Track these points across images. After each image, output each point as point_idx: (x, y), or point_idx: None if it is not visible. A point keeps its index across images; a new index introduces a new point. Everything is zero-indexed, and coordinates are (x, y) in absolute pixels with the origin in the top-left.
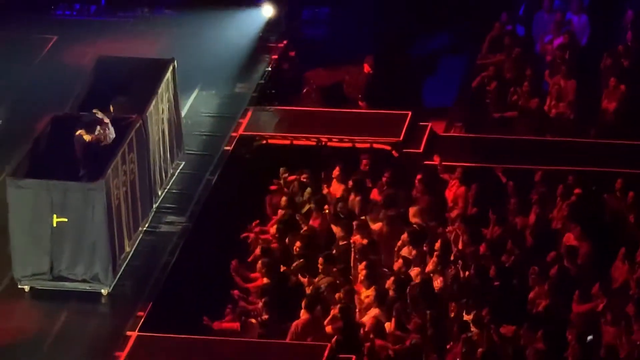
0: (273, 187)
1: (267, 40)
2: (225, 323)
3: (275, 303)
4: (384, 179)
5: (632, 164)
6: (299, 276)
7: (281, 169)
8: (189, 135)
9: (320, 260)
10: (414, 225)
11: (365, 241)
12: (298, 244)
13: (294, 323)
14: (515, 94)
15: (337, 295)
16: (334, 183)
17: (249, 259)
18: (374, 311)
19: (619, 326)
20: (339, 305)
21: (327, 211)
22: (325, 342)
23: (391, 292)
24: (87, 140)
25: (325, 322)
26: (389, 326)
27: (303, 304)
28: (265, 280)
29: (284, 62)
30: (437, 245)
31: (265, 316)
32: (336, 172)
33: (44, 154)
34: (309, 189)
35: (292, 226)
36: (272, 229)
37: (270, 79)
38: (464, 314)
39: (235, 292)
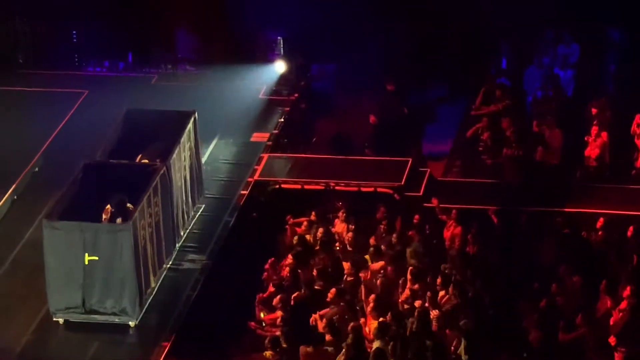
0: (287, 227)
1: (280, 94)
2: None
3: (292, 333)
4: (383, 223)
5: (612, 205)
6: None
7: (288, 216)
8: (208, 180)
9: (332, 292)
10: (413, 264)
11: (372, 276)
12: (311, 275)
13: (302, 353)
14: (507, 142)
15: (347, 327)
16: (338, 223)
17: (265, 295)
18: (377, 342)
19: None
20: (350, 336)
21: (337, 248)
22: None
23: (392, 326)
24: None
25: (341, 354)
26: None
27: (311, 335)
28: (280, 313)
29: (296, 113)
30: (439, 280)
31: (284, 345)
32: (342, 213)
33: (77, 198)
34: (320, 228)
35: (304, 261)
36: (286, 266)
37: (283, 129)
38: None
39: (252, 323)
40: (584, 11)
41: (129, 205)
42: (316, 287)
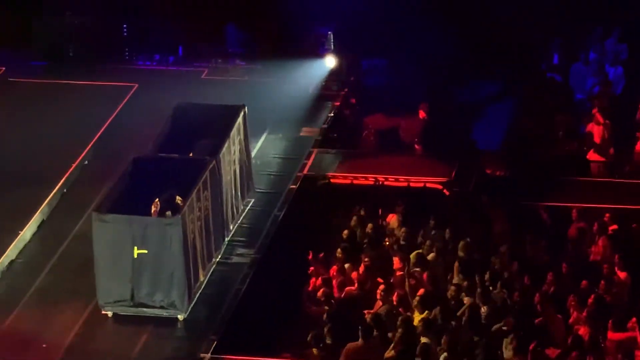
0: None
1: (330, 89)
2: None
3: (337, 329)
4: (432, 218)
5: None
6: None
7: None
8: (258, 174)
9: (381, 287)
10: (462, 258)
11: (422, 272)
12: (360, 271)
13: (345, 347)
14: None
15: (395, 322)
16: (392, 218)
17: (309, 288)
18: (424, 338)
19: None
20: (399, 331)
21: (387, 243)
22: None
23: (439, 320)
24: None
25: (390, 348)
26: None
27: (360, 330)
28: (326, 308)
29: (345, 108)
30: (487, 275)
31: (328, 341)
32: (398, 208)
33: (126, 192)
34: (370, 224)
35: (353, 257)
36: (334, 261)
37: (333, 124)
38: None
39: (301, 317)
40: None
41: (178, 199)
42: (363, 282)
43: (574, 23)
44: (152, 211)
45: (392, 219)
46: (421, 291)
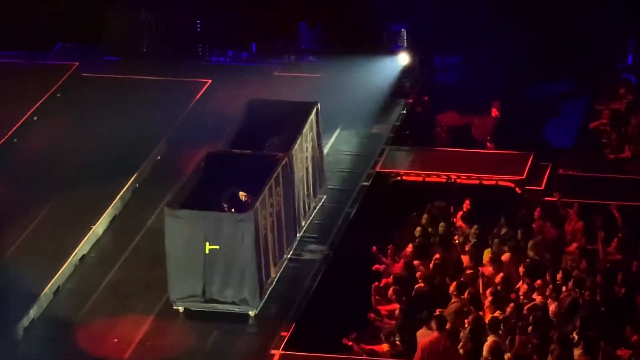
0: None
1: (403, 86)
2: (371, 344)
3: (407, 325)
4: (503, 217)
5: None
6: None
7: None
8: (330, 171)
9: (453, 285)
10: (532, 257)
11: (493, 271)
12: (431, 268)
13: (422, 343)
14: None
15: (466, 320)
16: (462, 216)
17: (381, 285)
18: (491, 337)
19: None
20: (469, 329)
21: (456, 241)
22: None
23: (510, 319)
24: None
25: (460, 345)
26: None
27: (433, 325)
28: (396, 305)
29: (418, 105)
30: (559, 275)
31: (399, 338)
32: (465, 206)
33: (199, 187)
34: (442, 223)
35: (424, 254)
36: (404, 258)
37: (405, 121)
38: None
39: (371, 315)
40: None
41: (242, 194)
42: (433, 280)
43: None
44: (225, 207)
45: (462, 217)
46: (492, 290)
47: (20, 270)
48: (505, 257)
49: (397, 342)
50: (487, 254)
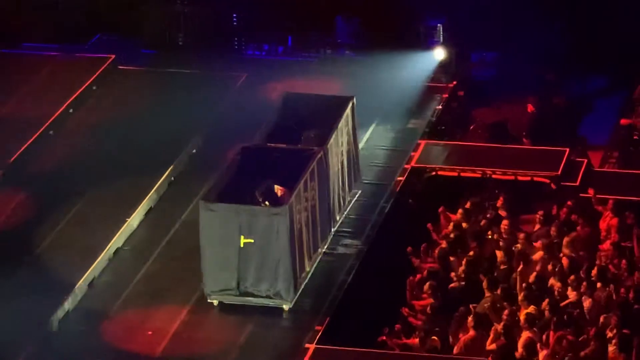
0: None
1: (438, 81)
2: (405, 339)
3: (443, 321)
4: (539, 213)
5: None
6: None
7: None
8: (365, 166)
9: (486, 281)
10: (568, 254)
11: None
12: (464, 264)
13: (461, 339)
14: None
15: (500, 316)
16: (494, 211)
17: (416, 279)
18: (526, 332)
19: None
20: (502, 324)
21: (490, 237)
22: (487, 358)
23: (546, 314)
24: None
25: (489, 340)
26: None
27: (468, 322)
28: (430, 300)
29: (454, 101)
30: (594, 272)
31: (434, 333)
32: (500, 202)
33: (234, 181)
34: (476, 217)
35: (457, 249)
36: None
37: (441, 116)
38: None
39: (405, 309)
40: None
41: (277, 188)
42: (467, 275)
43: None
44: (259, 201)
45: (495, 212)
46: (526, 286)
47: (56, 263)
48: (538, 253)
49: (432, 338)
50: (519, 251)
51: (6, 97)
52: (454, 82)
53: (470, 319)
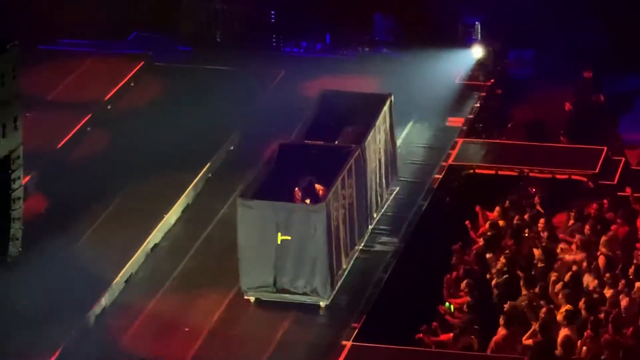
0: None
1: (476, 79)
2: (442, 336)
3: (479, 319)
4: (573, 210)
5: None
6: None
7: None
8: (403, 163)
9: (523, 279)
10: (605, 253)
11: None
12: (502, 261)
13: (493, 339)
14: None
15: (537, 314)
16: (532, 210)
17: (452, 277)
18: (565, 330)
19: None
20: (540, 322)
21: (527, 235)
22: (522, 356)
23: (583, 313)
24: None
25: (525, 337)
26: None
27: (501, 320)
28: (467, 298)
29: (491, 99)
30: (631, 270)
31: (471, 331)
32: (537, 200)
33: (271, 178)
34: (513, 215)
35: (495, 246)
36: (475, 251)
37: (478, 114)
38: None
39: (441, 307)
40: None
41: (317, 187)
42: (504, 273)
43: None
44: (296, 198)
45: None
46: (564, 284)
47: (93, 258)
48: (574, 252)
49: (469, 336)
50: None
51: (44, 94)
52: (492, 80)
53: (501, 317)
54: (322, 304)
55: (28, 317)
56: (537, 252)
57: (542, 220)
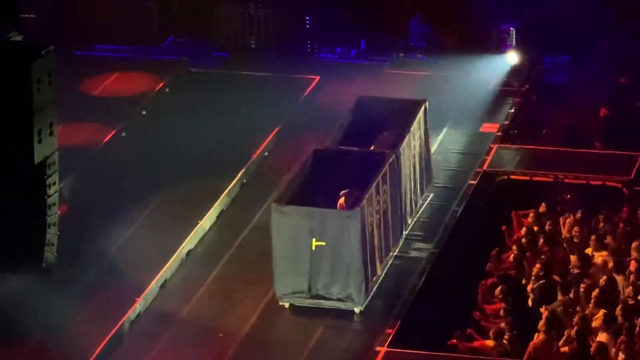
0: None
1: (511, 85)
2: (476, 342)
3: (515, 325)
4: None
5: None
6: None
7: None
8: (437, 169)
9: (559, 284)
10: (637, 258)
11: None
12: (537, 267)
13: (531, 343)
14: None
15: (573, 319)
16: (567, 215)
17: (488, 283)
18: (601, 336)
19: None
20: (575, 328)
21: (562, 241)
22: None
23: (619, 319)
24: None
25: (561, 343)
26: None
27: (539, 326)
28: (501, 304)
29: (526, 104)
30: None
31: (506, 338)
32: (572, 206)
33: (305, 183)
34: (548, 221)
35: (529, 253)
36: (510, 257)
37: (513, 120)
38: None
39: (476, 313)
40: None
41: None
42: (540, 278)
43: None
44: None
45: (568, 217)
46: (599, 290)
47: (127, 264)
48: (606, 258)
49: (505, 342)
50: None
51: (78, 99)
52: (527, 87)
53: (541, 322)
54: (357, 309)
55: (63, 323)
56: (572, 258)
57: (577, 227)
